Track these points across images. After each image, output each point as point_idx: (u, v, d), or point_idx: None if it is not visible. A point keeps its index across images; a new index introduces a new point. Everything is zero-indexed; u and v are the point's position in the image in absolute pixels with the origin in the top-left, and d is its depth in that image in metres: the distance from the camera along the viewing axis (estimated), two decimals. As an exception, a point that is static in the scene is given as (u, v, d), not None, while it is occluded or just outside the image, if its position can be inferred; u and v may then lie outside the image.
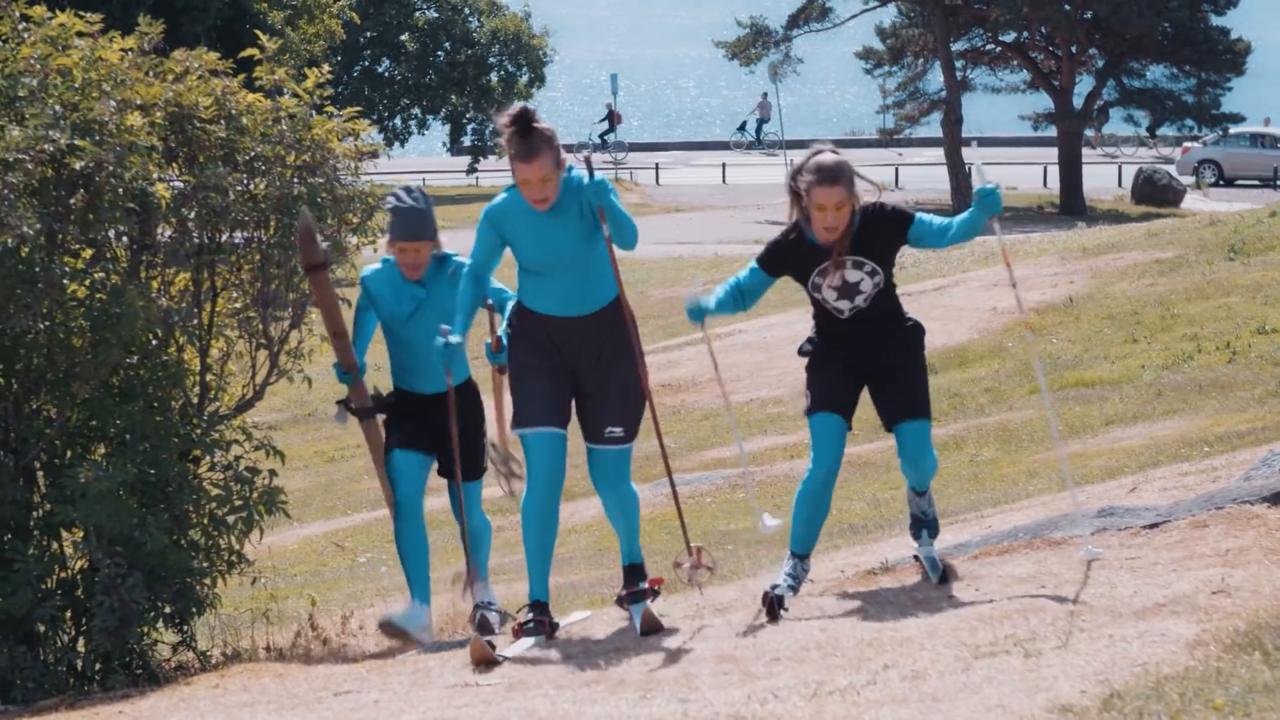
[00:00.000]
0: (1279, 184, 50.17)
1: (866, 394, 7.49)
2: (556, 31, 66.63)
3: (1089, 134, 55.84)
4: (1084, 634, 6.21)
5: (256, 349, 9.28)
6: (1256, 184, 50.69)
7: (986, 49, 50.53)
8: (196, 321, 8.88)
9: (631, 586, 7.49)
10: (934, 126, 50.63)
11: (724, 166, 56.57)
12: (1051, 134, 51.23)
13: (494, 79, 63.64)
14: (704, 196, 49.58)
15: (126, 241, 8.69)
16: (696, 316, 7.42)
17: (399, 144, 64.58)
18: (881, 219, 7.26)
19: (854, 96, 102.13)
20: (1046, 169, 49.61)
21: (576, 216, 7.18)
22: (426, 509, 8.40)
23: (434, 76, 64.06)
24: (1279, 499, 7.51)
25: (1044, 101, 51.18)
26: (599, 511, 14.82)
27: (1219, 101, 49.19)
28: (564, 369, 7.29)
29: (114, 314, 8.15)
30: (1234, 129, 50.74)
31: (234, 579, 8.93)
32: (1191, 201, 45.92)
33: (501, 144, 7.21)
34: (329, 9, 47.56)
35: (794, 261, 7.33)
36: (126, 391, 8.48)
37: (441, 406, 8.04)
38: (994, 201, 7.12)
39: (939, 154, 49.23)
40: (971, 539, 8.30)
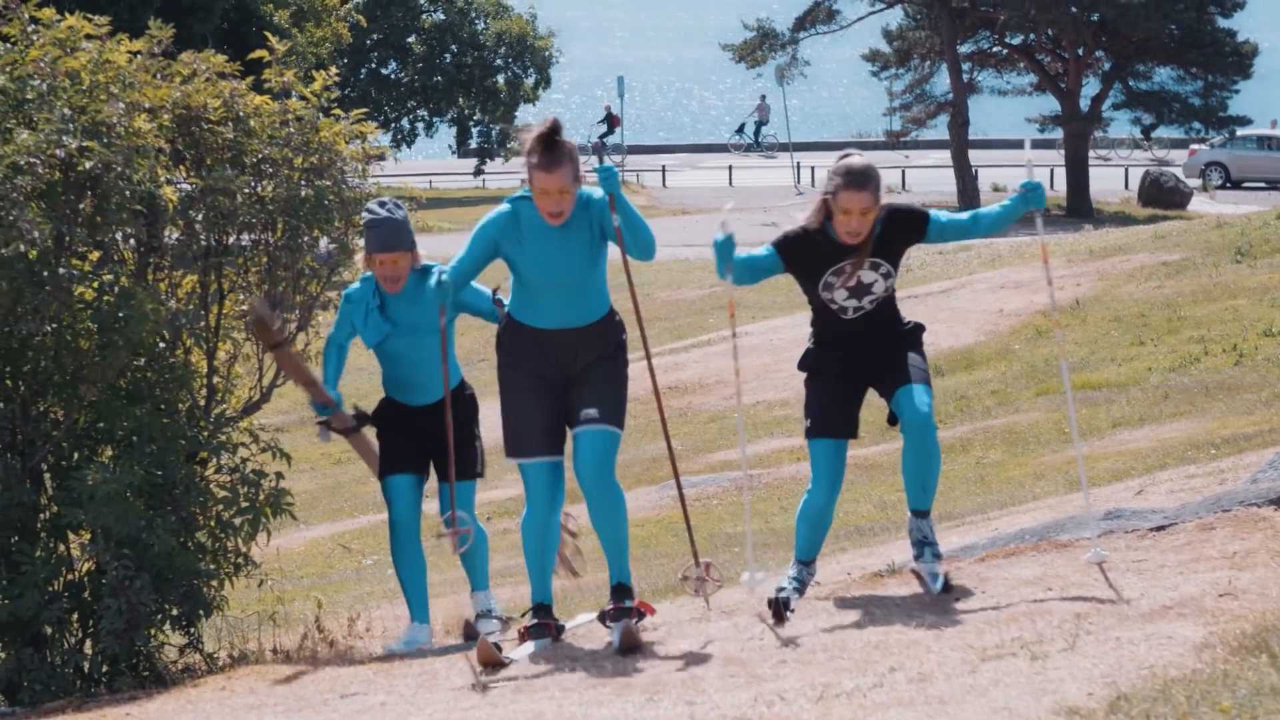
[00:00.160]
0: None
1: (870, 397, 7.44)
2: (562, 33, 66.63)
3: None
4: (1091, 636, 6.21)
5: (263, 351, 9.29)
6: (1263, 186, 50.64)
7: (993, 51, 50.48)
8: (204, 324, 8.89)
9: (617, 603, 7.29)
10: (941, 129, 50.58)
11: (730, 169, 56.54)
12: (1058, 136, 51.20)
13: (500, 81, 63.67)
14: (710, 199, 49.51)
15: (134, 244, 8.69)
16: (725, 254, 7.35)
17: (406, 146, 64.58)
18: (898, 220, 7.27)
19: (860, 99, 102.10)
20: (1053, 171, 49.58)
21: (585, 235, 7.12)
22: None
23: (441, 79, 64.08)
24: (1286, 502, 7.51)
25: (1050, 104, 51.15)
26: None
27: (1226, 104, 49.13)
28: (554, 381, 7.23)
29: (121, 316, 8.16)
30: (1241, 131, 50.67)
31: (241, 581, 8.93)
32: (1198, 204, 45.87)
33: (520, 150, 7.16)
34: (335, 12, 47.61)
35: (810, 255, 7.28)
36: (134, 394, 8.48)
37: (433, 416, 8.05)
38: (1038, 196, 7.21)
39: (945, 156, 49.19)
40: (978, 541, 8.30)
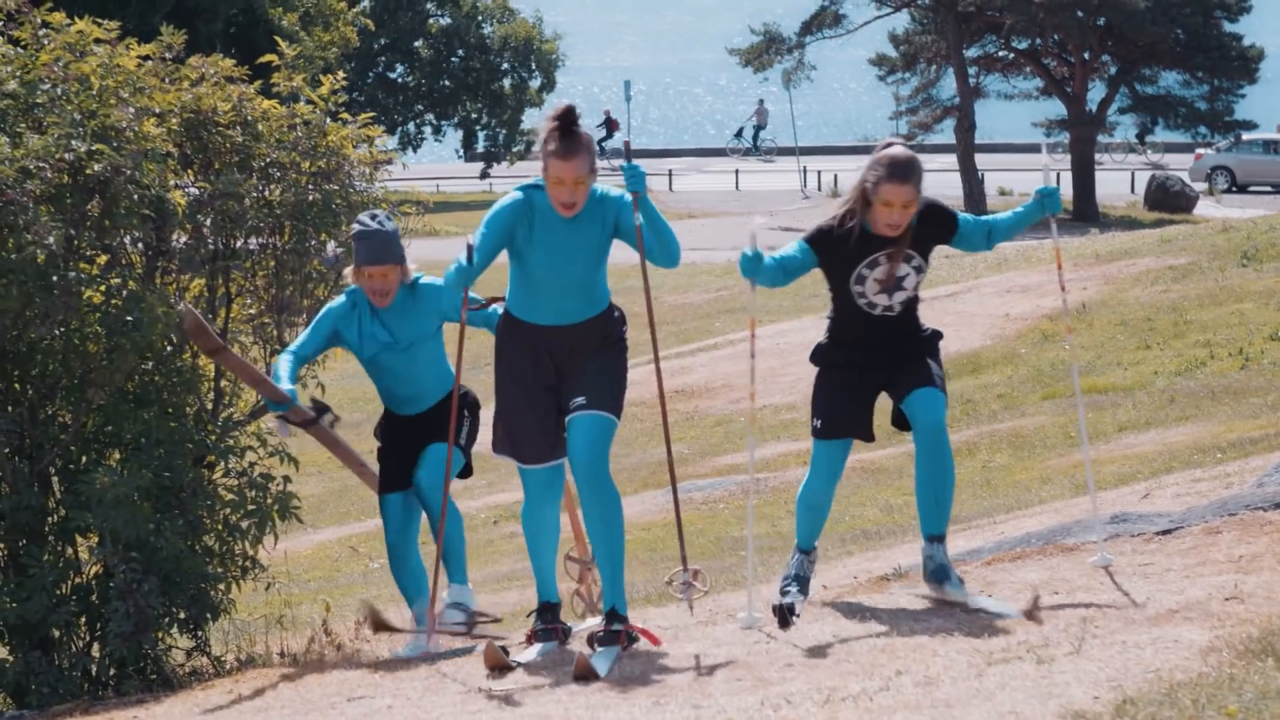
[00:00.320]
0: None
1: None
2: (568, 36, 66.68)
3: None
4: (1097, 640, 6.21)
5: (271, 355, 9.31)
6: (1269, 190, 50.60)
7: (999, 56, 50.46)
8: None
9: (606, 625, 6.98)
10: (947, 133, 50.59)
11: (737, 173, 56.50)
12: (1064, 139, 51.20)
13: (506, 85, 63.72)
14: (716, 203, 49.51)
15: (142, 248, 8.72)
16: (752, 270, 7.17)
17: (412, 150, 64.64)
18: (932, 218, 7.13)
19: (866, 103, 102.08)
20: (1059, 176, 49.59)
21: (594, 231, 6.94)
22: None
23: (448, 83, 64.13)
24: (1292, 506, 7.52)
25: (1056, 108, 51.12)
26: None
27: (1232, 108, 49.09)
28: (551, 384, 7.07)
29: (129, 320, 8.17)
30: (1247, 136, 50.65)
31: (248, 584, 8.95)
32: (1204, 208, 45.83)
33: (535, 139, 6.96)
34: (343, 16, 47.67)
35: (844, 248, 7.09)
36: (141, 397, 8.50)
37: (428, 421, 8.02)
38: (1054, 202, 7.13)
39: (952, 160, 49.18)
40: (984, 545, 8.31)
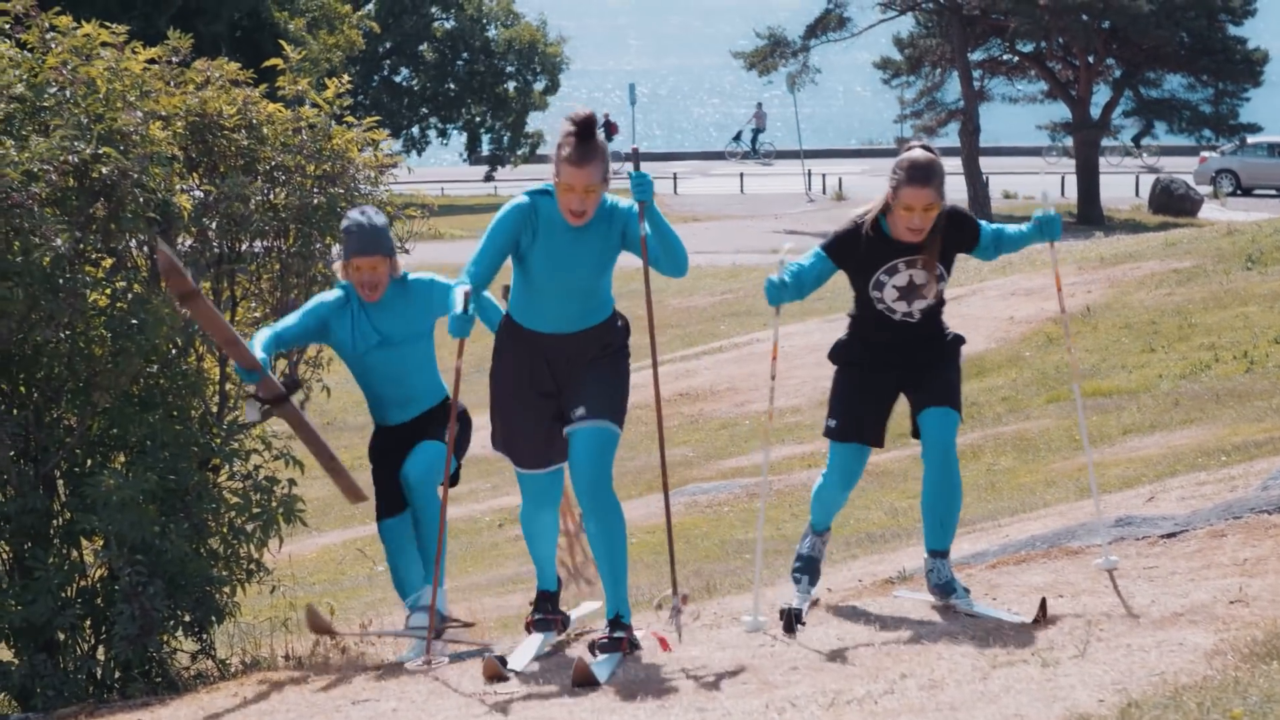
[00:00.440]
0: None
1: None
2: (572, 40, 66.68)
3: (1066, 144, 56.11)
4: (1101, 643, 6.22)
5: (276, 358, 9.31)
6: (1274, 193, 50.59)
7: (1004, 59, 50.47)
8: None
9: (609, 632, 6.92)
10: (952, 136, 50.54)
11: (741, 176, 56.52)
12: (1067, 143, 51.22)
13: (510, 88, 63.76)
14: (721, 206, 49.53)
15: (147, 251, 8.71)
16: (778, 298, 7.04)
17: (417, 154, 64.67)
18: (957, 225, 7.10)
19: (872, 107, 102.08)
20: (1064, 179, 49.53)
21: (601, 241, 6.84)
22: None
23: (452, 86, 64.16)
24: (1297, 509, 7.52)
25: (1061, 111, 51.11)
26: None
27: (1236, 111, 49.10)
28: (551, 389, 6.96)
29: (134, 323, 8.18)
30: (1251, 139, 50.64)
31: (253, 587, 8.94)
32: (1209, 211, 45.79)
33: (548, 142, 6.83)
34: (348, 19, 47.70)
35: (862, 254, 7.03)
36: (147, 400, 8.50)
37: (417, 428, 7.89)
38: (1053, 229, 7.07)
39: (956, 164, 49.20)
40: (989, 548, 8.31)
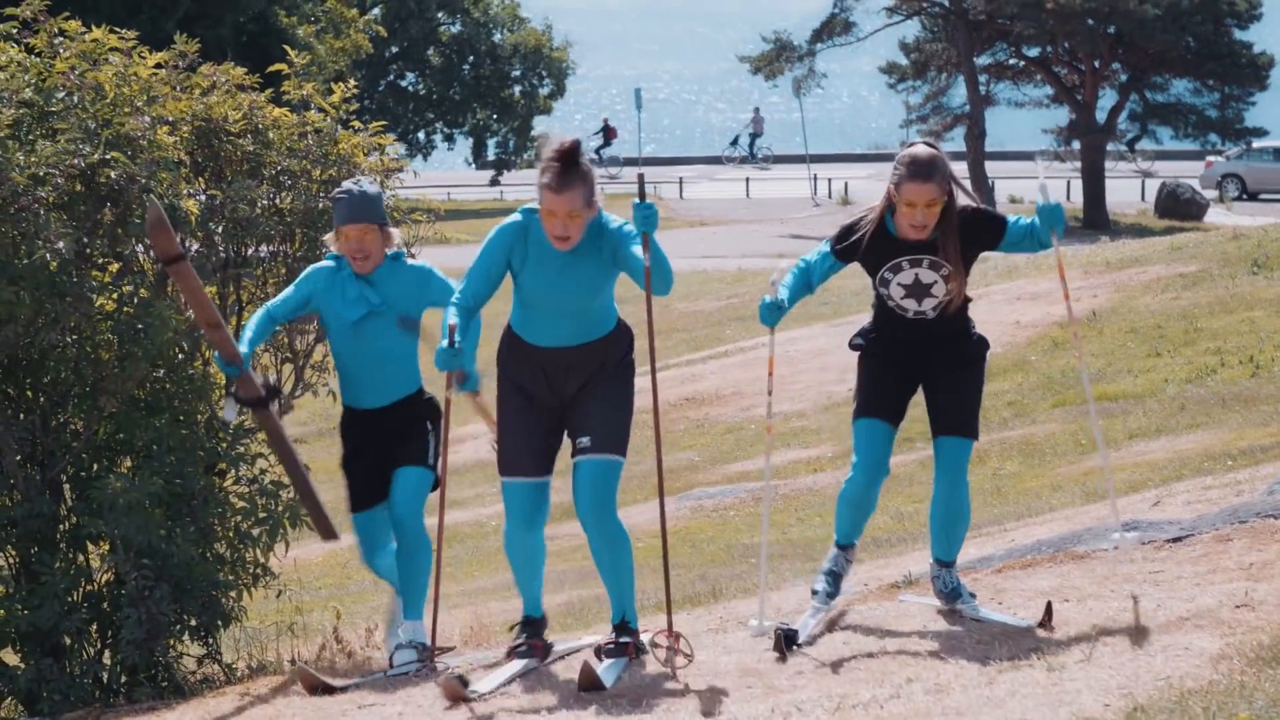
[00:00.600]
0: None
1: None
2: (578, 44, 66.71)
3: (1060, 148, 56.18)
4: (1107, 648, 6.22)
5: (282, 363, 9.32)
6: (1280, 198, 50.62)
7: (1010, 63, 50.46)
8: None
9: (615, 638, 6.88)
10: (957, 141, 50.55)
11: (747, 181, 56.54)
12: (1059, 149, 51.23)
13: (516, 92, 63.79)
14: (727, 210, 49.55)
15: (153, 255, 8.72)
16: (772, 319, 6.93)
17: (423, 158, 64.69)
18: (976, 224, 6.92)
19: (877, 112, 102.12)
20: (1070, 183, 49.52)
21: (592, 263, 6.70)
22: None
23: (458, 90, 64.19)
24: (1302, 513, 7.52)
25: (1067, 116, 51.10)
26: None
27: (1242, 115, 49.08)
28: (550, 402, 6.86)
29: (141, 328, 8.19)
30: (1257, 143, 50.60)
31: (259, 592, 8.95)
32: (1215, 215, 45.77)
33: (536, 162, 6.74)
34: (355, 24, 47.73)
35: (866, 251, 6.94)
36: (153, 405, 8.51)
37: (385, 417, 7.54)
38: (1057, 220, 6.82)
39: (963, 168, 49.20)
40: (995, 552, 8.31)
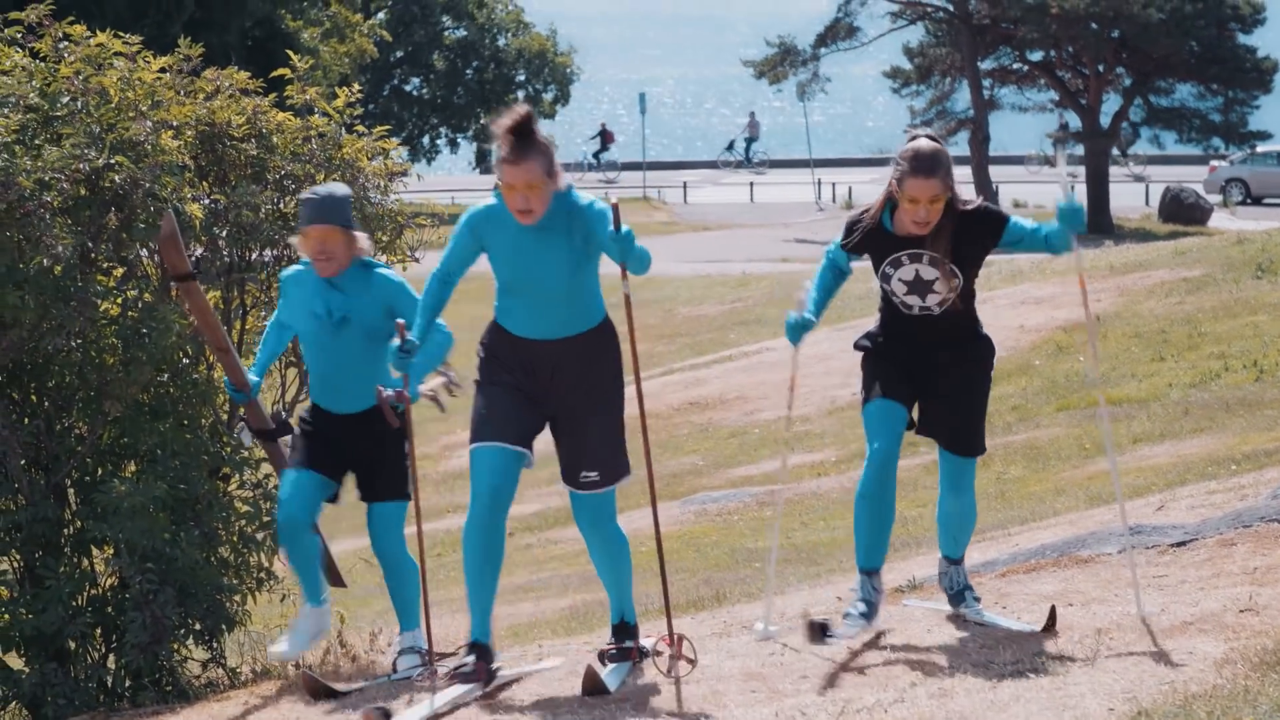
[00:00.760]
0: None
1: None
2: (583, 49, 66.78)
3: (1048, 153, 56.27)
4: (1111, 652, 6.22)
5: (286, 367, 9.32)
6: (1284, 203, 50.59)
7: (1014, 68, 50.47)
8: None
9: (617, 642, 6.86)
10: (962, 145, 50.56)
11: (751, 185, 56.56)
12: (1077, 152, 51.21)
13: (520, 97, 63.85)
14: (732, 215, 49.57)
15: (158, 260, 8.73)
16: (798, 337, 6.86)
17: (427, 162, 64.75)
18: (975, 221, 6.83)
19: (881, 116, 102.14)
20: (1074, 188, 49.56)
21: (565, 240, 6.47)
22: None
23: (463, 95, 64.24)
24: (1307, 518, 7.52)
25: (1071, 120, 51.10)
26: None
27: (1246, 120, 49.10)
28: (535, 391, 6.60)
29: (145, 332, 8.19)
30: (1261, 147, 50.59)
31: (263, 596, 8.95)
32: (1219, 220, 45.76)
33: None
34: (359, 28, 47.77)
35: (870, 245, 6.85)
36: (157, 409, 8.52)
37: (354, 427, 7.37)
38: (1078, 220, 6.74)
39: (966, 172, 49.18)
40: (999, 557, 8.32)
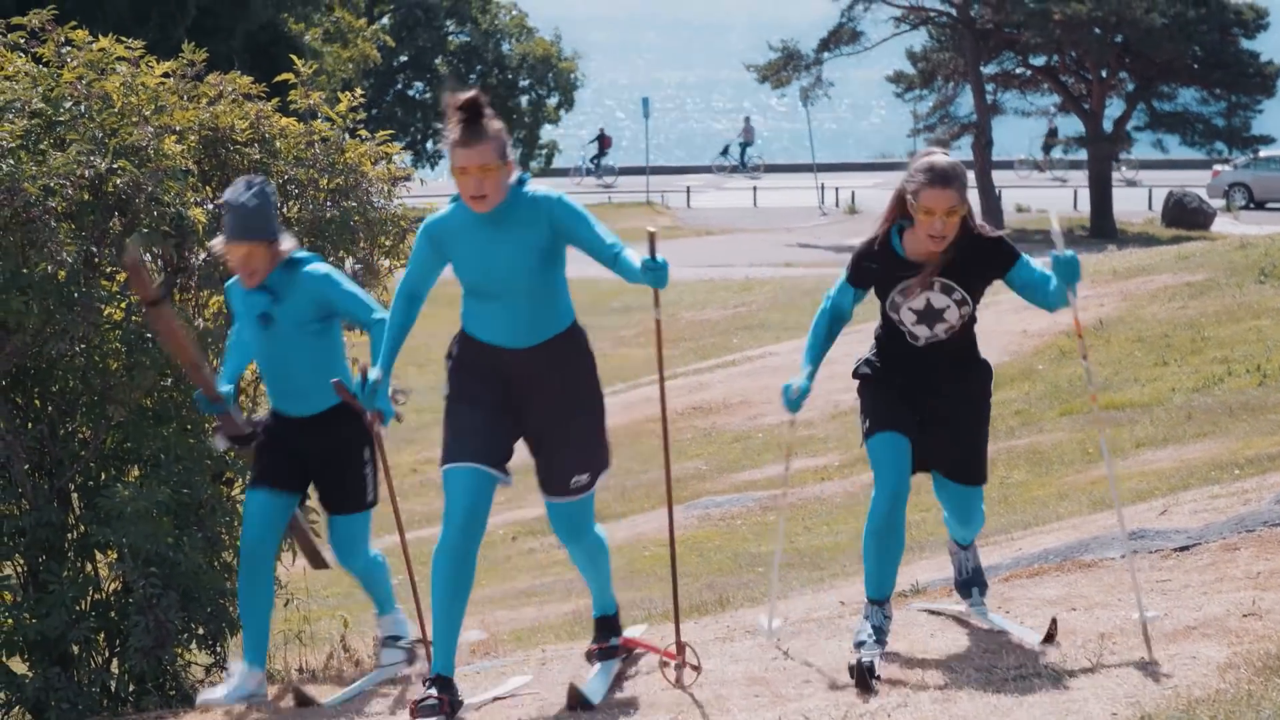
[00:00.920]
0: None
1: None
2: (587, 54, 66.74)
3: (1036, 157, 56.33)
4: (1114, 657, 6.22)
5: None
6: (1287, 207, 50.54)
7: (1017, 73, 50.48)
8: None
9: (603, 641, 6.92)
10: (965, 150, 50.57)
11: (755, 190, 56.56)
12: (1082, 157, 51.22)
13: (524, 102, 63.85)
14: (735, 220, 49.56)
15: (161, 265, 8.74)
16: (799, 405, 6.64)
17: (430, 167, 64.74)
18: (986, 248, 6.49)
19: (884, 120, 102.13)
20: (1076, 192, 49.50)
21: (527, 233, 6.28)
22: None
23: (466, 99, 64.19)
24: (1310, 522, 7.51)
25: (1074, 125, 51.09)
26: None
27: (1249, 124, 49.08)
28: (509, 404, 6.43)
29: (149, 337, 8.20)
30: (1264, 152, 50.57)
31: (266, 600, 8.94)
32: (1222, 224, 45.73)
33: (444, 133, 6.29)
34: (363, 33, 47.76)
35: (878, 274, 6.55)
36: (160, 414, 8.52)
37: (312, 432, 7.38)
38: (1073, 272, 6.32)
39: (970, 177, 49.22)
40: (1002, 561, 8.31)
